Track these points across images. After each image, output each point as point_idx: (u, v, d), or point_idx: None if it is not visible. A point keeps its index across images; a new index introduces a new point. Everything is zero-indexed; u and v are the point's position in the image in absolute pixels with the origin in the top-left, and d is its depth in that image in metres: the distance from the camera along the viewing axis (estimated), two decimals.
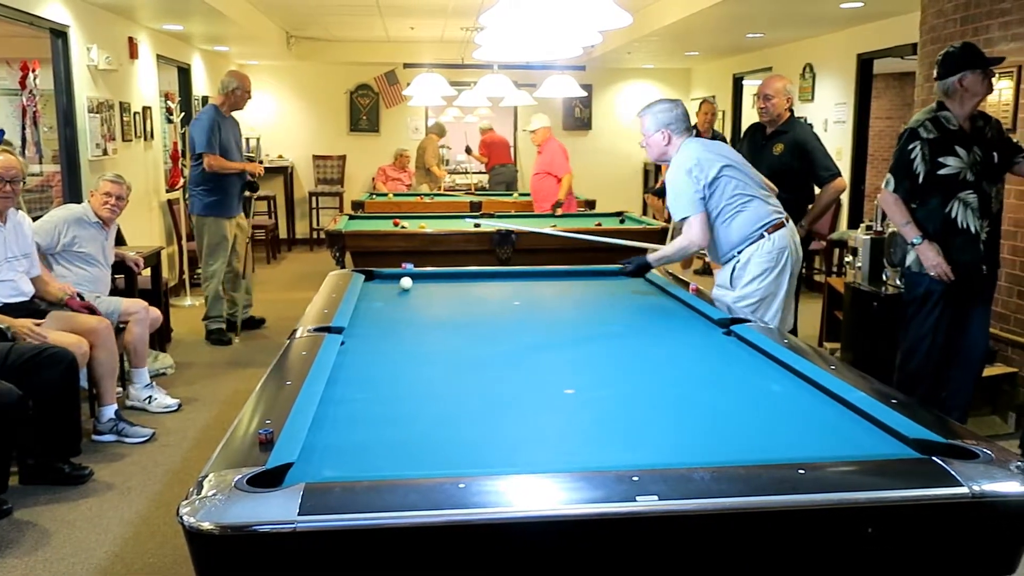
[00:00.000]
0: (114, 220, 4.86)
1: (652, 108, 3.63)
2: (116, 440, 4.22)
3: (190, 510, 1.48)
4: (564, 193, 7.12)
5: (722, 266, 3.67)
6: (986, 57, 3.63)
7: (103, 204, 4.73)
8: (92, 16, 6.26)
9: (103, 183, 4.77)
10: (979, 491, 1.57)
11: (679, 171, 3.50)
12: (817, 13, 6.92)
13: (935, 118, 3.70)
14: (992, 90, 3.75)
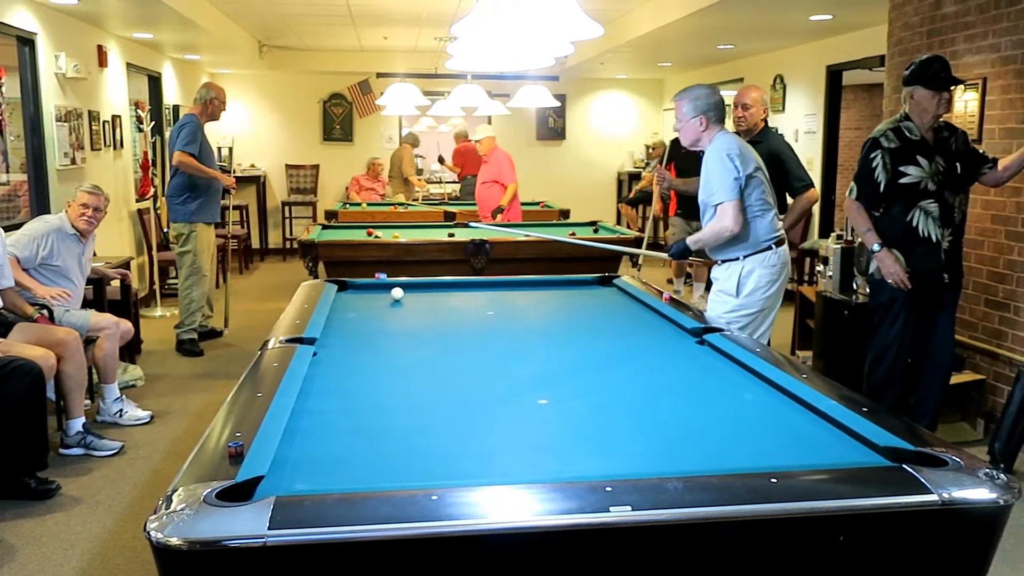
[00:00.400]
0: (91, 232, 4.77)
1: (690, 93, 3.61)
2: (84, 453, 4.15)
3: (158, 525, 1.46)
4: (508, 200, 7.13)
5: (719, 264, 3.69)
6: (940, 78, 3.68)
7: (80, 215, 4.63)
8: (60, 24, 6.19)
9: (80, 194, 4.67)
10: (948, 498, 1.58)
11: (719, 156, 3.51)
12: (787, 25, 7.00)
13: (897, 128, 3.79)
14: (948, 108, 3.79)
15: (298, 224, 11.11)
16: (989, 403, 4.41)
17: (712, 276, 3.84)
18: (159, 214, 8.27)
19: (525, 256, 5.84)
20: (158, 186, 8.11)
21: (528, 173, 11.89)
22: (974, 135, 4.39)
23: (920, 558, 1.64)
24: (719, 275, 3.74)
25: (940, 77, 3.68)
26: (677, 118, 3.66)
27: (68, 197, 6.04)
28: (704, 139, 3.61)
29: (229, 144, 11.33)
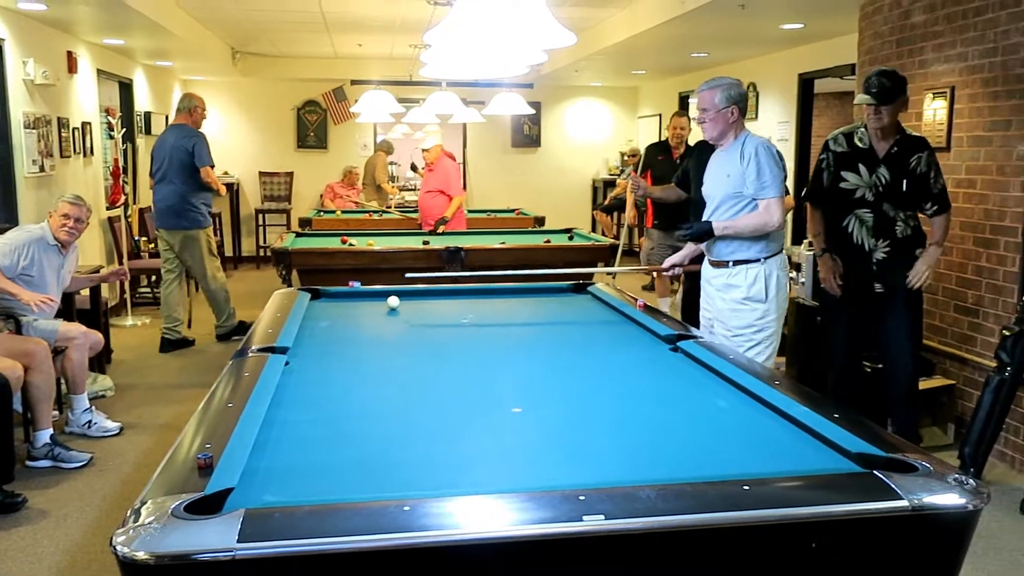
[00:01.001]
0: (72, 243, 4.68)
1: (721, 82, 3.53)
2: (52, 466, 4.09)
3: (125, 539, 1.44)
4: (452, 212, 7.12)
5: (730, 267, 3.58)
6: (863, 95, 3.76)
7: (61, 226, 4.51)
8: (29, 29, 6.11)
9: (62, 204, 4.56)
10: (919, 504, 1.59)
11: (770, 152, 3.49)
12: (759, 34, 7.06)
13: (850, 133, 3.92)
14: (879, 123, 3.77)
15: (272, 232, 11.03)
16: (959, 408, 4.46)
17: (720, 284, 3.65)
18: (130, 222, 8.18)
19: (501, 263, 5.84)
20: (128, 194, 8.02)
21: (503, 180, 11.95)
22: (943, 143, 4.45)
23: (891, 563, 1.65)
24: (737, 282, 3.58)
25: (865, 89, 3.76)
26: (702, 107, 3.52)
27: (37, 205, 6.00)
28: (731, 132, 3.54)
29: None
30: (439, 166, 7.15)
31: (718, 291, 3.67)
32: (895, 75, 3.80)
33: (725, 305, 3.64)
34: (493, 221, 8.64)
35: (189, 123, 6.45)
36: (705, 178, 3.73)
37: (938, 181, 3.85)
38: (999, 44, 4.10)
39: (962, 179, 4.36)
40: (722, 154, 3.61)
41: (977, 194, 4.27)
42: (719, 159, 3.64)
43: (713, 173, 3.66)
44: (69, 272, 4.76)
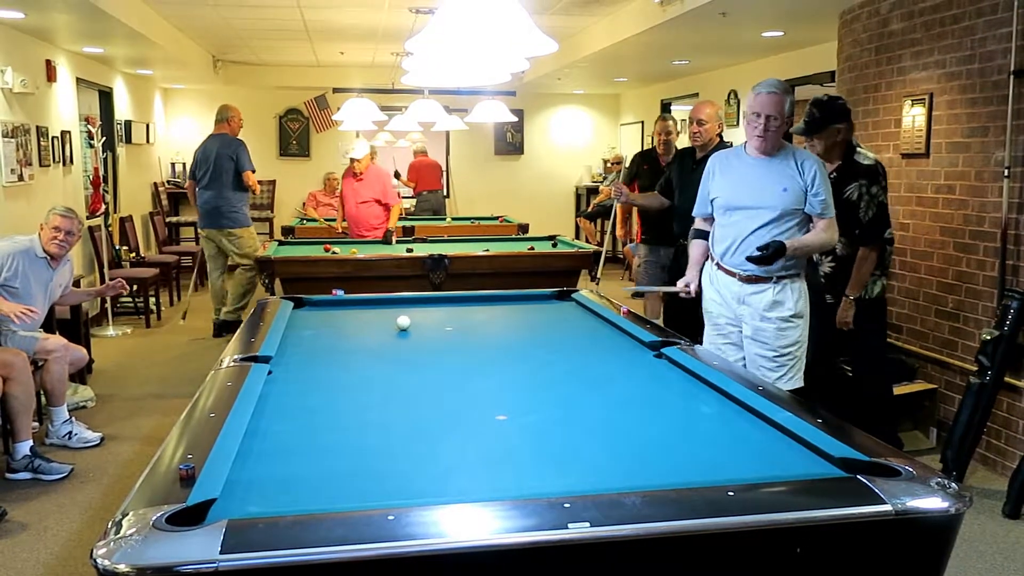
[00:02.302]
0: (63, 256, 4.61)
1: (786, 87, 3.36)
2: (32, 478, 4.03)
3: (106, 551, 1.42)
4: (395, 221, 7.11)
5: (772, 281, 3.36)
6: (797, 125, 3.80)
7: (51, 239, 4.43)
8: (6, 37, 6.06)
9: (52, 216, 4.49)
10: (902, 508, 1.60)
11: (824, 167, 3.43)
12: (740, 41, 7.11)
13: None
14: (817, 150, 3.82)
15: None
16: (941, 412, 4.49)
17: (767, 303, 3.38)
18: (111, 231, 8.12)
19: (484, 271, 5.84)
20: (109, 203, 7.97)
21: (487, 187, 11.96)
22: (921, 149, 4.49)
23: (875, 567, 1.66)
24: (783, 298, 3.37)
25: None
26: (769, 114, 3.28)
27: (15, 215, 5.94)
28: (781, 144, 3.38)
29: (183, 160, 11.17)
30: (371, 175, 7.04)
31: (764, 310, 3.38)
32: (827, 104, 3.82)
33: (772, 325, 3.37)
34: (477, 228, 8.65)
35: (228, 132, 7.06)
36: (737, 188, 3.39)
37: (868, 212, 3.79)
38: (976, 51, 4.15)
39: (941, 185, 4.40)
40: (767, 165, 3.35)
41: (956, 200, 4.31)
42: (764, 170, 3.35)
43: (758, 184, 3.34)
44: (60, 286, 4.69)
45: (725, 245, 3.45)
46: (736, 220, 3.41)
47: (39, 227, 4.54)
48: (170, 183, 10.91)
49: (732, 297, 3.46)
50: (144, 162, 10.11)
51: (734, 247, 3.41)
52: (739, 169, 3.43)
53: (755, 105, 3.30)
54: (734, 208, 3.41)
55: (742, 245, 3.38)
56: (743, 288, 3.42)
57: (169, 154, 11.11)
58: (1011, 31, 3.91)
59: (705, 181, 3.57)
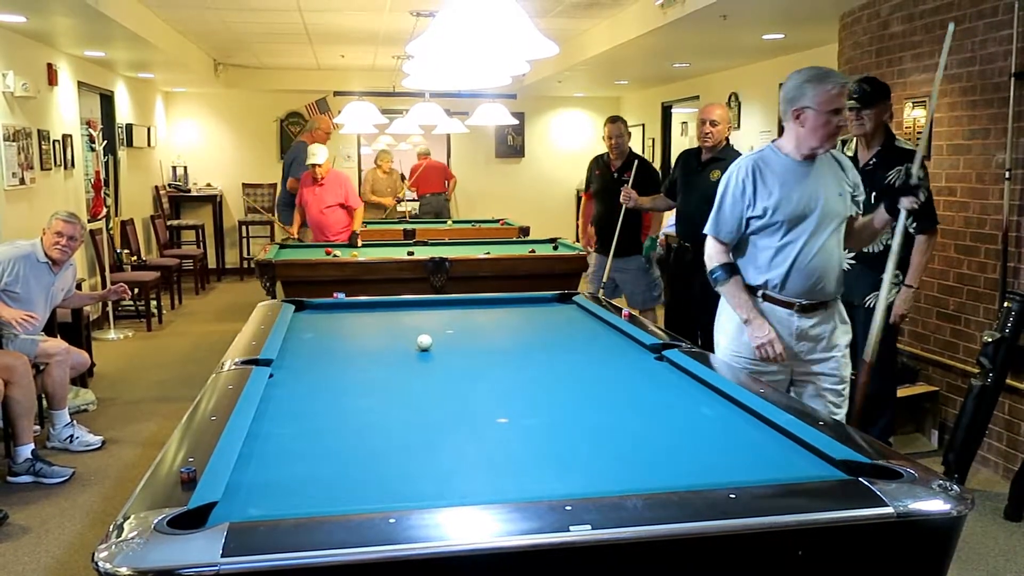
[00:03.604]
0: (65, 261, 4.60)
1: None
2: (33, 481, 4.04)
3: (107, 555, 1.42)
4: (359, 224, 7.13)
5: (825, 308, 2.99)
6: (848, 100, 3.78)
7: (54, 244, 4.45)
8: (8, 41, 6.07)
9: (55, 221, 4.49)
10: (904, 510, 1.60)
11: None
12: (740, 44, 7.11)
13: (844, 142, 3.94)
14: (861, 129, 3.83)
15: (255, 243, 10.99)
16: (942, 414, 4.49)
17: (845, 329, 3.07)
18: (112, 235, 8.13)
19: (485, 274, 5.83)
20: (110, 206, 7.97)
21: (487, 190, 11.96)
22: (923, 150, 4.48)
23: (877, 570, 1.65)
24: (845, 325, 3.07)
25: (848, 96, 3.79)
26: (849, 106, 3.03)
27: (17, 219, 5.95)
28: None
29: (184, 164, 11.19)
30: (332, 180, 7.07)
31: (829, 341, 3.00)
32: (876, 81, 3.83)
33: (839, 354, 3.02)
34: (478, 231, 8.64)
35: (309, 140, 7.77)
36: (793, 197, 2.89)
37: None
38: (976, 53, 4.15)
39: (942, 187, 4.40)
40: (815, 167, 2.93)
41: (957, 202, 4.31)
42: (815, 172, 2.92)
43: (816, 191, 2.89)
44: (61, 290, 4.70)
45: (781, 270, 2.91)
46: (795, 237, 2.89)
47: (41, 232, 4.54)
48: (171, 186, 10.93)
49: (786, 333, 2.96)
50: (145, 165, 10.12)
51: (797, 270, 2.89)
52: (786, 175, 2.91)
53: (835, 100, 2.79)
54: (794, 223, 2.88)
55: (809, 266, 2.89)
56: (802, 321, 2.94)
57: (170, 157, 11.12)
58: (1012, 33, 3.91)
59: (736, 197, 2.95)
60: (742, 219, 2.95)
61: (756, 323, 2.91)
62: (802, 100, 2.84)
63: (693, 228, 4.80)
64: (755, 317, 2.92)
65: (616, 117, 5.81)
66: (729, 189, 2.97)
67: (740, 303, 2.95)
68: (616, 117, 5.81)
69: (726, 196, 2.98)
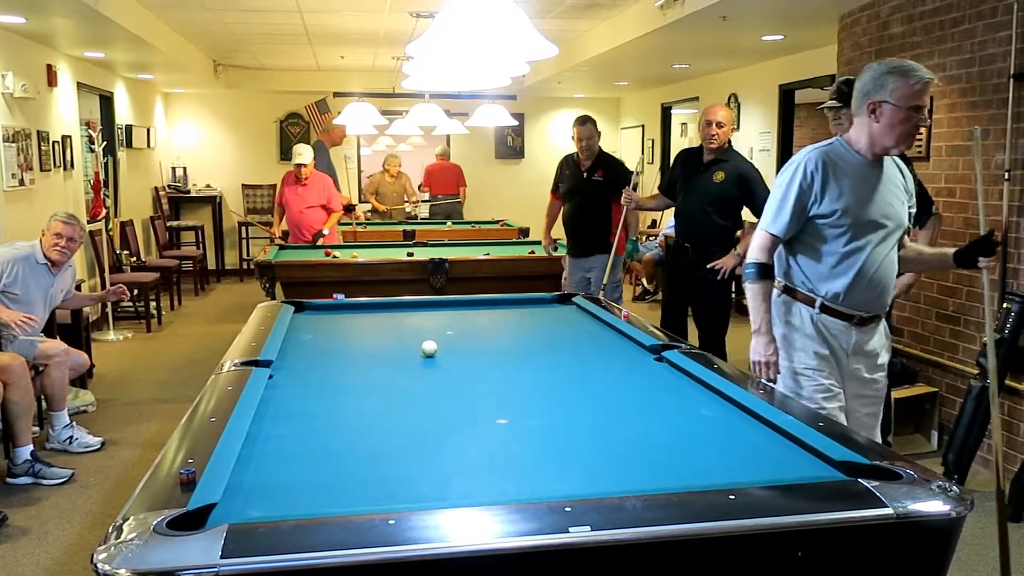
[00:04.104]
0: (65, 263, 4.60)
1: None
2: (32, 482, 4.04)
3: (106, 556, 1.42)
4: (331, 225, 7.14)
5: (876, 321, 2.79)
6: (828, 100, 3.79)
7: (53, 245, 4.44)
8: (7, 42, 6.07)
9: (54, 223, 4.49)
10: (903, 511, 1.60)
11: None
12: (740, 45, 7.11)
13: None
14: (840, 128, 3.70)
15: (255, 244, 10.99)
16: (942, 415, 4.49)
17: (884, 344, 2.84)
18: (111, 236, 8.12)
19: (485, 275, 5.84)
20: (110, 207, 7.97)
21: (487, 191, 11.95)
22: (922, 152, 4.49)
23: (877, 571, 1.65)
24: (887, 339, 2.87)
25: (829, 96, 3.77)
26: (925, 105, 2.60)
27: (17, 219, 5.95)
28: None
29: (183, 165, 11.18)
30: (315, 181, 7.11)
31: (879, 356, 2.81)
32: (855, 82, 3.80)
33: (883, 373, 2.84)
34: (477, 232, 8.64)
35: (327, 141, 8.14)
36: (865, 199, 2.64)
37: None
38: (976, 55, 4.15)
39: (941, 188, 4.40)
40: (881, 169, 2.69)
41: (957, 203, 4.32)
42: (884, 175, 2.68)
43: (887, 195, 2.67)
44: (61, 291, 4.70)
45: (844, 280, 2.65)
46: (863, 244, 2.63)
47: (41, 233, 4.54)
48: (171, 187, 10.92)
49: (843, 349, 2.73)
50: (145, 166, 10.12)
51: (862, 281, 2.65)
52: (858, 175, 2.65)
53: (917, 96, 2.52)
54: (863, 230, 2.63)
55: (874, 277, 2.65)
56: (860, 336, 2.72)
57: (170, 158, 11.12)
58: (1011, 34, 3.91)
59: (803, 189, 2.65)
60: (803, 214, 2.67)
61: (764, 338, 2.69)
62: (880, 93, 2.56)
63: (693, 228, 4.81)
64: (766, 332, 2.69)
65: (586, 118, 5.60)
66: (796, 180, 2.66)
67: (758, 309, 2.71)
68: (586, 118, 5.60)
69: (790, 188, 2.66)
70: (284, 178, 7.32)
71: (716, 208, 4.68)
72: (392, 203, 10.24)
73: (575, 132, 5.56)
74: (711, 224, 4.69)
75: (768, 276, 2.73)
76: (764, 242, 2.73)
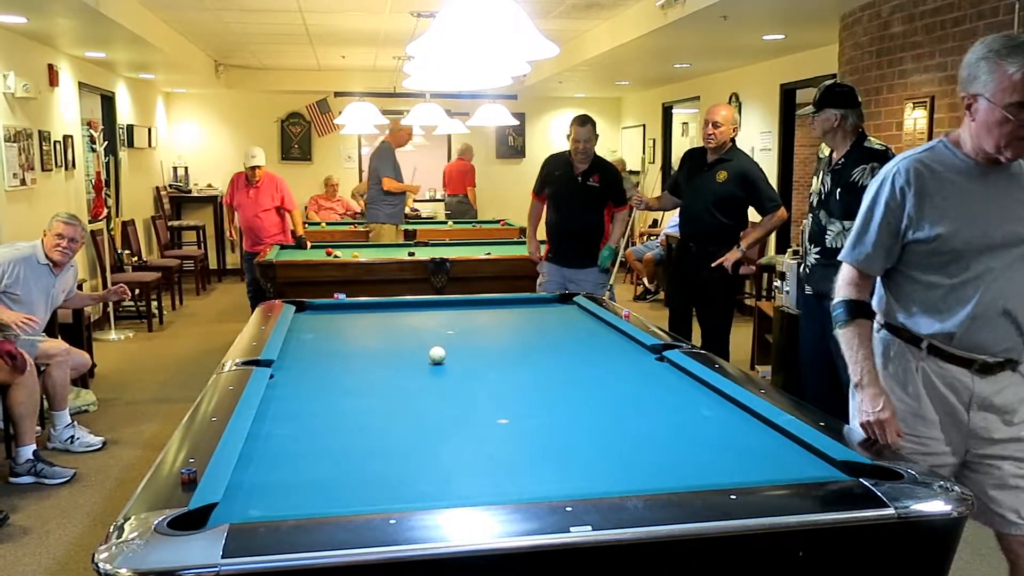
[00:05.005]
0: (66, 263, 4.61)
1: None
2: (34, 482, 4.04)
3: (107, 556, 1.42)
4: (301, 226, 7.09)
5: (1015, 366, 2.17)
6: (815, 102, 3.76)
7: (55, 246, 4.46)
8: (8, 42, 6.08)
9: (56, 223, 4.50)
10: (905, 511, 1.60)
11: None
12: (741, 45, 7.11)
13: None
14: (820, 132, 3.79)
15: None
16: None
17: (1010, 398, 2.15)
18: (113, 235, 8.13)
19: (486, 274, 5.83)
20: (111, 207, 7.97)
21: (488, 191, 11.95)
22: None
23: (878, 571, 1.65)
24: None
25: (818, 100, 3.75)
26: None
27: (18, 219, 5.95)
28: None
29: (185, 165, 11.19)
30: (267, 182, 7.01)
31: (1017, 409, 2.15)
32: (828, 89, 3.75)
33: None
34: (478, 232, 8.64)
35: (393, 142, 7.78)
36: (978, 216, 2.07)
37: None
38: None
39: None
40: (996, 175, 2.10)
41: None
42: (1001, 184, 2.10)
43: (1006, 208, 2.08)
44: (62, 291, 4.70)
45: (957, 316, 2.10)
46: (979, 272, 2.08)
47: (42, 233, 4.54)
48: (172, 187, 10.93)
49: (962, 402, 2.15)
50: (146, 166, 10.13)
51: (980, 316, 2.08)
52: (965, 184, 2.10)
53: (1019, 88, 1.93)
54: (977, 253, 2.08)
55: (997, 310, 2.08)
56: (983, 385, 2.13)
57: (171, 158, 11.12)
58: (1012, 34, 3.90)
59: (891, 210, 2.13)
60: (896, 243, 2.14)
61: (870, 391, 2.11)
62: (974, 84, 2.01)
63: (697, 228, 4.83)
64: (871, 383, 2.12)
65: (587, 118, 5.07)
66: (880, 201, 2.14)
67: (855, 357, 2.15)
68: (587, 118, 5.07)
69: (874, 210, 2.15)
70: (233, 180, 7.19)
71: (719, 207, 4.70)
72: None
73: (573, 132, 5.05)
74: (715, 223, 4.72)
75: (863, 314, 2.20)
76: (850, 276, 2.23)
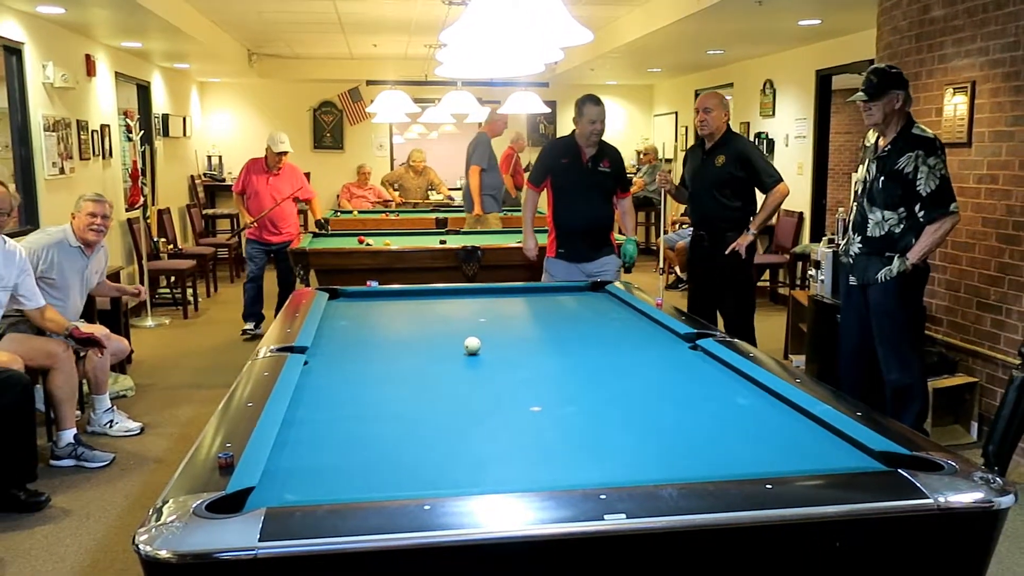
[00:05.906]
0: (99, 243, 4.67)
1: None
2: (75, 465, 4.11)
3: (147, 538, 1.44)
4: (321, 212, 7.11)
5: None
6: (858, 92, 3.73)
7: (88, 226, 4.47)
8: (48, 33, 6.16)
9: (85, 203, 4.52)
10: (944, 503, 1.57)
11: None
12: (776, 30, 7.02)
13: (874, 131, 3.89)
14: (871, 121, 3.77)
15: None
16: (982, 406, 4.41)
17: None
18: (149, 223, 8.24)
19: (517, 263, 5.83)
20: (147, 195, 8.08)
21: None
22: (963, 138, 4.40)
23: (917, 563, 1.63)
24: None
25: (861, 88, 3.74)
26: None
27: (57, 207, 6.05)
28: None
29: (219, 153, 11.29)
30: (288, 170, 6.95)
31: None
32: (884, 71, 3.74)
33: None
34: (509, 220, 8.62)
35: (489, 132, 7.74)
36: None
37: (928, 185, 3.65)
38: (1020, 38, 4.05)
39: (984, 175, 4.31)
40: None
41: (1000, 190, 4.23)
42: None
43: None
44: (96, 272, 4.76)
45: None
46: None
47: (71, 216, 4.60)
48: (206, 176, 11.04)
49: None
50: (181, 155, 10.24)
51: None
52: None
53: None
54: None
55: None
56: None
57: (205, 147, 11.24)
58: None
59: None
60: None
61: None
62: None
63: (703, 215, 4.85)
64: None
65: (598, 98, 4.71)
66: None
67: None
68: (598, 98, 4.71)
69: None
70: (249, 166, 6.96)
71: (722, 191, 4.72)
72: (415, 198, 10.26)
73: (588, 113, 4.61)
74: (720, 207, 4.74)
75: None
76: None
